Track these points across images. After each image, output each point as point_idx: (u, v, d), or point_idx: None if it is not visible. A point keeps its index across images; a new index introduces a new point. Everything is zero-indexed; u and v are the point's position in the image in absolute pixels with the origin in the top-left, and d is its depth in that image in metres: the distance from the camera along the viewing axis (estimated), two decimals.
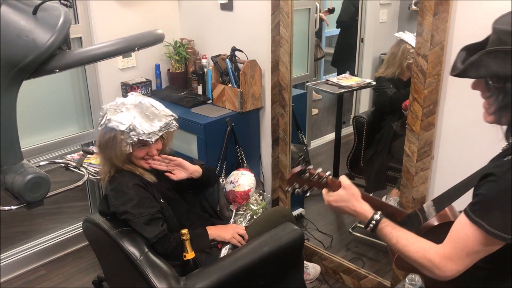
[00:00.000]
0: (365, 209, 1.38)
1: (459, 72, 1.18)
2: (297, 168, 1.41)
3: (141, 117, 1.98)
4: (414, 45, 2.95)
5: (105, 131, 1.97)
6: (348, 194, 1.41)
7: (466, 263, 1.19)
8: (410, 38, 2.98)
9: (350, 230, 3.16)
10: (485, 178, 1.17)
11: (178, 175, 2.13)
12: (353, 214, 1.41)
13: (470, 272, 1.20)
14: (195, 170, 2.17)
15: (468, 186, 1.27)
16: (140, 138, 1.95)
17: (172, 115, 2.08)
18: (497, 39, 1.14)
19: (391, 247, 1.33)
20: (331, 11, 4.26)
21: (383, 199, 3.14)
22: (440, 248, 1.22)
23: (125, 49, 1.30)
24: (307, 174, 1.41)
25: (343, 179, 1.44)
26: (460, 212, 1.24)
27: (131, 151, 1.97)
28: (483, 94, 1.22)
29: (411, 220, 1.44)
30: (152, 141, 1.98)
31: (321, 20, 4.07)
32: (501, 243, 1.15)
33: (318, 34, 4.05)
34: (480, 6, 1.89)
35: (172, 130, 2.08)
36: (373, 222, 1.34)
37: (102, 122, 1.98)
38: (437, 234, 1.27)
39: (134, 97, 2.08)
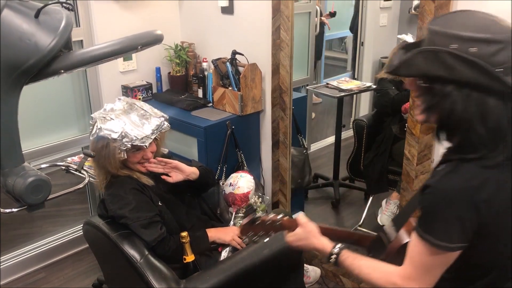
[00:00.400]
0: (324, 245, 1.38)
1: (392, 69, 1.17)
2: (247, 219, 1.43)
3: (132, 122, 1.97)
4: None
5: (97, 140, 1.96)
6: (305, 232, 1.42)
7: (429, 280, 1.18)
8: (412, 40, 2.99)
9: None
10: (423, 191, 1.17)
11: (175, 177, 2.14)
12: (314, 250, 1.42)
13: (436, 286, 1.19)
14: (192, 171, 2.18)
15: (417, 203, 1.27)
16: (134, 144, 1.95)
17: (163, 116, 2.08)
18: (429, 40, 1.13)
19: (356, 277, 1.34)
20: (332, 14, 4.27)
21: (383, 202, 3.14)
22: (401, 270, 1.21)
23: (126, 49, 1.31)
24: (259, 221, 1.43)
25: (300, 217, 1.45)
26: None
27: (125, 157, 1.97)
28: (413, 93, 1.22)
29: (377, 244, 1.44)
30: (146, 146, 1.98)
31: (323, 23, 4.09)
32: (455, 253, 1.14)
33: (320, 37, 4.06)
34: (479, 9, 1.89)
35: (164, 131, 2.07)
36: (333, 256, 1.35)
37: (93, 132, 1.98)
38: (402, 254, 1.27)
39: (122, 102, 2.07)
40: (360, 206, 3.36)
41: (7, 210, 1.31)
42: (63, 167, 1.69)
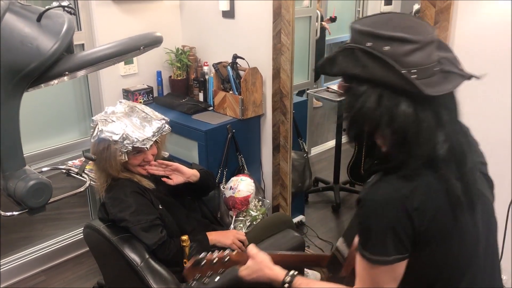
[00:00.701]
0: (277, 274, 1.34)
1: (318, 67, 1.14)
2: (190, 262, 1.37)
3: (133, 124, 1.98)
4: None
5: (98, 142, 1.96)
6: (256, 263, 1.38)
7: None
8: None
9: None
10: (357, 205, 1.13)
11: (175, 179, 2.14)
12: (267, 281, 1.37)
13: None
14: (193, 174, 2.18)
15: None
16: (135, 145, 1.95)
17: (164, 119, 2.08)
18: (350, 38, 1.09)
19: None
20: (333, 20, 4.28)
21: None
22: None
23: (128, 49, 1.31)
24: (204, 262, 1.37)
25: (250, 249, 1.41)
26: None
27: (126, 159, 1.97)
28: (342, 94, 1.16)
29: (334, 263, 1.42)
30: (147, 148, 1.98)
31: (323, 28, 4.09)
32: (401, 264, 1.10)
33: (321, 42, 4.07)
34: (480, 14, 1.90)
35: (165, 133, 2.08)
36: (286, 285, 1.31)
37: (94, 134, 1.98)
38: None
39: (123, 104, 2.08)
40: None
41: (8, 214, 1.31)
42: (64, 171, 1.69)
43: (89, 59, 1.26)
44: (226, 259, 1.38)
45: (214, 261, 1.37)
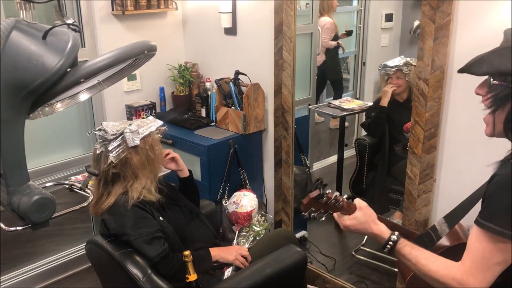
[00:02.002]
0: (382, 231, 1.36)
1: (465, 67, 1.19)
2: (315, 192, 1.35)
3: (135, 125, 2.03)
4: (383, 66, 3.10)
5: (144, 137, 1.99)
6: (364, 216, 1.39)
7: (488, 278, 1.15)
8: (391, 61, 3.11)
9: (353, 253, 3.14)
10: (491, 181, 1.15)
11: (168, 165, 2.27)
12: (370, 235, 1.39)
13: None
14: (185, 169, 2.31)
15: (477, 197, 1.26)
16: (161, 130, 2.08)
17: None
18: (506, 40, 1.16)
19: (410, 267, 1.31)
20: (348, 33, 4.20)
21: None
22: (460, 265, 1.19)
23: (126, 57, 1.34)
24: (325, 198, 1.36)
25: (358, 201, 1.42)
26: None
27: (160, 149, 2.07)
28: (483, 97, 1.22)
29: (424, 240, 1.42)
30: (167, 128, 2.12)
31: (338, 46, 4.10)
32: None
33: (334, 60, 4.11)
34: (479, 30, 1.92)
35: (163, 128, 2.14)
36: (390, 243, 1.32)
37: (132, 145, 1.96)
38: (451, 256, 1.25)
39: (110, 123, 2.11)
40: None
41: (12, 228, 1.32)
42: (67, 186, 1.70)
43: (93, 68, 1.28)
44: (340, 203, 1.38)
45: (331, 201, 1.37)
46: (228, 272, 2.14)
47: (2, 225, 1.35)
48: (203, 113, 3.19)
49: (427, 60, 2.04)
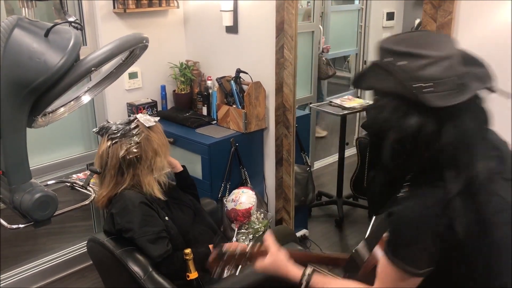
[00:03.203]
0: (294, 273, 1.35)
1: (352, 82, 1.23)
2: (213, 255, 1.38)
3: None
4: None
5: (147, 131, 2.04)
6: (274, 261, 1.39)
7: None
8: None
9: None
10: (388, 217, 1.17)
11: None
12: (284, 278, 1.38)
13: None
14: (177, 164, 2.31)
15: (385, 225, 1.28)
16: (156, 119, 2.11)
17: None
18: (378, 55, 1.14)
19: None
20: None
21: None
22: None
23: (129, 44, 1.38)
24: (228, 254, 1.38)
25: (270, 245, 1.42)
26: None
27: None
28: None
29: (352, 265, 1.44)
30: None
31: None
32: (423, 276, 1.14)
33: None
34: (480, 29, 1.92)
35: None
36: (304, 283, 1.32)
37: (143, 128, 2.03)
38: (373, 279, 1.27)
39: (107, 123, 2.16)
40: (363, 224, 3.36)
41: (14, 226, 1.32)
42: (69, 184, 1.70)
43: (103, 56, 1.29)
44: (248, 254, 1.39)
45: (236, 255, 1.39)
46: (228, 271, 2.14)
47: (4, 223, 1.35)
48: (204, 112, 3.19)
49: None
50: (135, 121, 2.04)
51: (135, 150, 1.99)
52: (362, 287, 1.25)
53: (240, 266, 1.43)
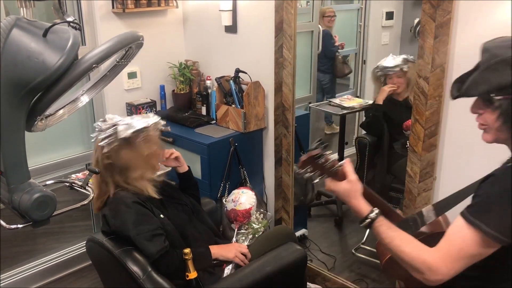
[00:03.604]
0: (362, 207, 1.37)
1: (461, 92, 1.21)
2: (316, 151, 1.38)
3: (130, 119, 2.05)
4: (379, 66, 3.12)
5: (136, 133, 1.99)
6: (349, 189, 1.40)
7: (458, 267, 1.18)
8: (386, 61, 3.11)
9: (353, 251, 3.15)
10: (485, 180, 1.17)
11: (168, 163, 2.31)
12: (351, 208, 1.41)
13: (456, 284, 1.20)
14: (184, 164, 2.35)
15: (468, 192, 1.28)
16: (161, 128, 2.09)
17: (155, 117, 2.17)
18: (491, 55, 1.16)
19: (385, 246, 1.33)
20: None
21: None
22: (434, 251, 1.21)
23: (127, 41, 1.40)
24: (323, 160, 1.38)
25: (350, 172, 1.42)
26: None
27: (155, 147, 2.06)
28: (485, 113, 1.23)
29: (409, 223, 1.44)
30: (169, 129, 2.15)
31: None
32: (497, 246, 1.14)
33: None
34: (480, 29, 1.92)
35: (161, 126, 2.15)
36: (367, 220, 1.35)
37: (116, 135, 1.97)
38: (429, 243, 1.26)
39: (111, 116, 2.14)
40: None
41: (13, 226, 1.32)
42: (68, 184, 1.70)
43: (104, 53, 1.29)
44: (335, 169, 1.40)
45: (328, 164, 1.40)
46: (228, 270, 2.14)
47: (3, 223, 1.35)
48: (204, 111, 3.19)
49: (427, 59, 2.04)
50: (113, 128, 1.99)
51: (105, 161, 2.00)
52: (424, 245, 1.24)
53: (323, 176, 1.43)
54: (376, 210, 1.36)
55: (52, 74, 1.21)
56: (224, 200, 2.77)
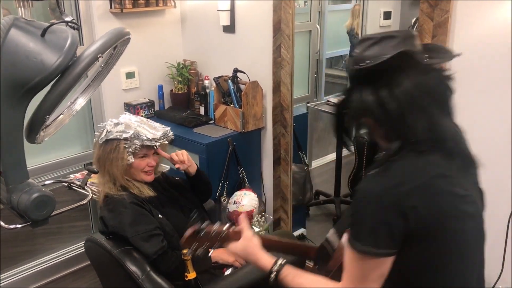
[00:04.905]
0: (265, 262, 1.33)
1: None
2: (191, 230, 1.37)
3: (141, 127, 2.05)
4: None
5: (106, 143, 2.01)
6: (247, 246, 1.38)
7: None
8: None
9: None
10: (352, 196, 1.17)
11: (181, 166, 2.19)
12: (256, 267, 1.37)
13: None
14: (193, 163, 2.23)
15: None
16: (144, 144, 2.01)
17: (167, 127, 2.15)
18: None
19: None
20: None
21: None
22: (340, 285, 1.18)
23: (120, 35, 1.37)
24: (203, 233, 1.38)
25: (244, 229, 1.41)
26: None
27: (132, 160, 2.00)
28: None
29: (322, 254, 1.42)
30: (156, 146, 2.04)
31: None
32: (388, 259, 1.11)
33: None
34: (478, 28, 1.93)
35: (170, 139, 2.14)
36: (273, 274, 1.30)
37: (102, 136, 2.01)
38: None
39: (128, 115, 2.15)
40: None
41: (12, 226, 1.32)
42: (67, 184, 1.70)
43: (105, 43, 1.29)
44: (223, 234, 1.38)
45: (213, 233, 1.38)
46: (228, 272, 2.14)
47: (2, 223, 1.35)
48: (202, 111, 3.19)
49: None
50: (102, 129, 2.03)
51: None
52: (331, 283, 1.21)
53: (213, 246, 1.42)
54: (280, 261, 1.31)
55: (51, 74, 1.21)
56: (222, 200, 2.78)
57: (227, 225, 1.42)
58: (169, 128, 2.15)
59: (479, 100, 1.99)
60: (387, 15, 4.36)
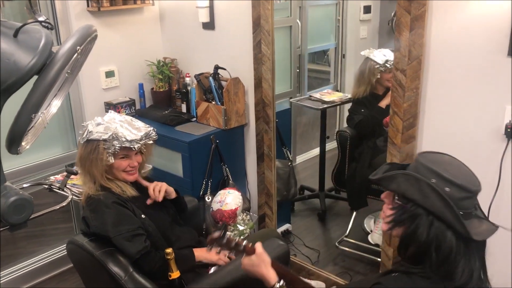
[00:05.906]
0: (270, 276, 1.53)
1: (376, 178, 1.34)
2: (216, 234, 1.55)
3: (123, 127, 2.01)
4: (379, 62, 3.04)
5: (87, 144, 1.98)
6: (259, 260, 1.55)
7: None
8: (375, 55, 3.06)
9: (337, 244, 3.17)
10: (374, 285, 1.28)
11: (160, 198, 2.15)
12: (261, 278, 1.55)
13: None
14: (172, 192, 2.20)
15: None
16: (123, 145, 1.97)
17: (151, 127, 2.12)
18: (415, 168, 1.30)
19: None
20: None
21: (371, 222, 3.16)
22: None
23: (90, 32, 1.35)
24: (225, 241, 1.55)
25: (258, 246, 1.58)
26: None
27: (112, 161, 1.98)
28: (387, 205, 1.36)
29: None
30: (134, 148, 2.00)
31: None
32: None
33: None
34: (454, 21, 1.94)
35: (151, 141, 2.10)
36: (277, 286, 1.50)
37: (84, 136, 1.99)
38: None
39: (113, 114, 2.11)
40: (346, 217, 3.38)
41: None
42: (46, 186, 1.68)
43: (82, 35, 1.27)
44: (241, 247, 1.56)
45: (233, 244, 1.56)
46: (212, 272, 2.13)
47: None
48: (184, 109, 3.17)
49: (404, 51, 2.06)
50: (86, 133, 2.01)
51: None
52: None
53: (231, 252, 1.59)
54: (281, 282, 1.51)
55: (25, 75, 1.18)
56: (207, 198, 2.77)
57: (245, 241, 1.58)
58: (152, 128, 2.11)
59: (455, 93, 2.01)
60: (367, 9, 4.38)
